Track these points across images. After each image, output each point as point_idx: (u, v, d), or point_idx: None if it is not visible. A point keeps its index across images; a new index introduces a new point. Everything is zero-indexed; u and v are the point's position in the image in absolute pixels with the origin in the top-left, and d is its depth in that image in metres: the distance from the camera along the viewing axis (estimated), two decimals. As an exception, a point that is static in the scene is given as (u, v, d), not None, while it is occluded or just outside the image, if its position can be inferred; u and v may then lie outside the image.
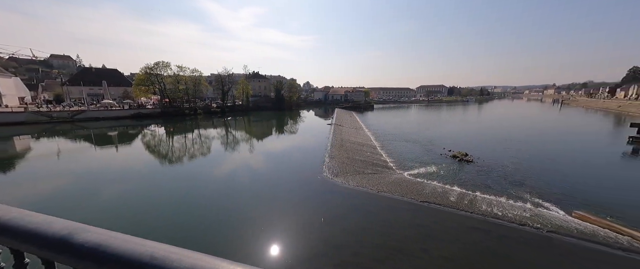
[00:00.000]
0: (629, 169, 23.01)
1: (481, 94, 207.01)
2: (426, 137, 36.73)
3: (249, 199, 14.25)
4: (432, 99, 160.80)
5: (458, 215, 12.15)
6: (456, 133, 41.00)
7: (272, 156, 26.91)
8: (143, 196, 15.04)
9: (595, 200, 14.73)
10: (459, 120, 63.46)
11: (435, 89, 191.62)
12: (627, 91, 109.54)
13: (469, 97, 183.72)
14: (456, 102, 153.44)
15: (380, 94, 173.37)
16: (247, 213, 12.65)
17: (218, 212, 12.76)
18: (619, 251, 9.44)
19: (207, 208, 13.21)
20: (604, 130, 46.55)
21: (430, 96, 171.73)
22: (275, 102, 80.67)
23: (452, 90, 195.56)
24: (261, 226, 11.21)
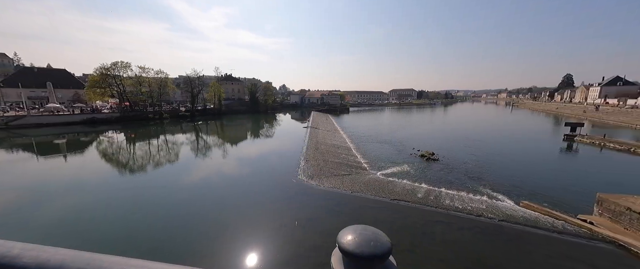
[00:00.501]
0: (565, 162, 26.64)
1: (446, 97, 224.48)
2: (398, 138, 38.64)
3: (222, 206, 13.64)
4: (403, 102, 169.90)
5: (424, 210, 12.98)
6: (424, 134, 43.78)
7: (246, 160, 26.09)
8: (101, 209, 13.54)
9: (538, 190, 16.78)
10: (427, 122, 67.88)
11: (406, 93, 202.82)
12: (562, 95, 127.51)
13: (435, 100, 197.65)
14: (425, 105, 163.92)
15: (355, 97, 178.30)
16: (219, 220, 12.09)
17: (187, 221, 11.99)
18: (554, 234, 10.89)
19: (176, 217, 12.34)
20: (546, 129, 53.38)
21: (401, 99, 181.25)
22: (250, 106, 78.46)
23: (421, 94, 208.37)
24: (234, 232, 10.79)
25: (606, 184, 18.26)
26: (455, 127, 54.10)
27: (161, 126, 51.13)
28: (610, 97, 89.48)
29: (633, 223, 11.38)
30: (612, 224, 12.22)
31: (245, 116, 70.69)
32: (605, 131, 45.73)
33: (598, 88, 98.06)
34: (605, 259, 9.20)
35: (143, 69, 57.29)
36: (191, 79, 67.11)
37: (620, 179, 19.95)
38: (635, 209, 11.43)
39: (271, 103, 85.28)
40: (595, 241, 10.36)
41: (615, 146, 30.34)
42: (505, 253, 9.66)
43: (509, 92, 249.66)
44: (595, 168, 23.72)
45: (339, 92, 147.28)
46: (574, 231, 11.17)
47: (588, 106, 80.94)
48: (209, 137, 42.03)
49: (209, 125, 55.60)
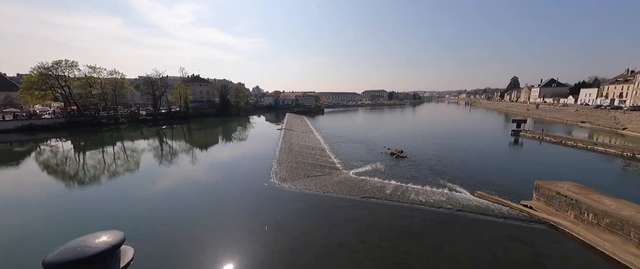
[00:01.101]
0: (512, 155, 30.06)
1: (414, 98, 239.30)
2: (370, 137, 40.06)
3: (188, 216, 12.78)
4: (375, 103, 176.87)
5: (391, 206, 13.67)
6: (395, 133, 46.08)
7: (216, 166, 24.84)
8: (47, 227, 11.78)
9: (491, 181, 18.72)
10: (397, 121, 71.53)
11: (377, 94, 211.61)
12: (510, 95, 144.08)
13: (405, 101, 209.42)
14: (395, 105, 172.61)
15: (330, 98, 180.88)
16: (185, 230, 11.32)
17: (152, 234, 10.99)
18: (501, 219, 12.26)
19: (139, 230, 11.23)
20: (497, 125, 59.71)
21: (374, 100, 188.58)
22: (221, 108, 74.86)
23: (391, 95, 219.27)
24: (202, 242, 10.19)
25: (543, 172, 21.03)
26: (422, 126, 57.81)
27: (117, 132, 46.27)
28: (547, 97, 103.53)
29: (562, 205, 13.29)
30: (547, 207, 14.12)
31: (215, 119, 67.28)
32: (543, 126, 52.82)
33: (538, 89, 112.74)
34: (539, 238, 10.61)
35: (93, 69, 51.19)
36: (152, 80, 61.66)
37: (554, 167, 23.19)
38: (563, 194, 13.36)
39: (244, 105, 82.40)
40: (533, 223, 11.89)
41: (550, 139, 35.15)
42: (460, 239, 10.60)
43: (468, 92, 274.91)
44: (535, 159, 27.20)
45: (314, 94, 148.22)
46: (516, 216, 12.69)
47: (530, 105, 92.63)
48: (174, 142, 39.14)
49: (175, 129, 51.81)
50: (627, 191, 16.88)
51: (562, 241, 10.41)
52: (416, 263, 9.24)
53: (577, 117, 56.35)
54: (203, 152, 32.03)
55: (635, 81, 64.91)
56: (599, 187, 15.36)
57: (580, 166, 23.70)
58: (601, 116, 50.62)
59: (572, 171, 22.09)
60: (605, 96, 74.71)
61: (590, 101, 78.77)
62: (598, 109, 57.18)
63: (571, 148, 30.79)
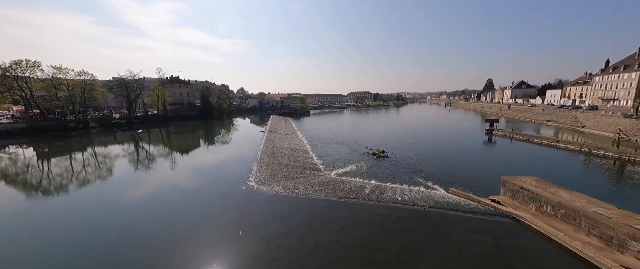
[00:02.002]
0: (486, 152, 31.70)
1: (398, 99, 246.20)
2: (354, 138, 40.60)
3: (159, 226, 12.21)
4: (361, 105, 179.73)
5: (369, 205, 13.94)
6: (378, 133, 47.05)
7: (193, 171, 23.96)
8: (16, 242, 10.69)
9: (465, 177, 19.64)
10: (381, 122, 73.09)
11: (362, 95, 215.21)
12: (486, 96, 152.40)
13: (389, 102, 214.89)
14: (380, 106, 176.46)
15: (315, 100, 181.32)
16: (156, 240, 10.78)
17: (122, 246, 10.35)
18: (469, 214, 12.93)
19: (110, 241, 10.54)
20: (473, 125, 62.81)
21: (359, 102, 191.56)
22: (202, 111, 72.42)
23: (376, 96, 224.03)
24: (172, 253, 9.77)
25: (512, 168, 22.43)
26: (404, 127, 59.49)
27: (88, 137, 43.33)
28: (518, 97, 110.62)
29: (525, 198, 14.24)
30: (512, 201, 15.06)
31: (196, 122, 65.01)
32: (514, 125, 56.47)
33: (510, 90, 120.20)
34: (501, 230, 11.30)
35: (59, 69, 47.58)
36: (126, 82, 58.33)
37: (522, 163, 24.80)
38: (525, 188, 14.31)
39: (227, 107, 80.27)
40: (497, 217, 12.64)
41: (519, 137, 37.58)
42: (431, 234, 11.03)
43: (448, 94, 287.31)
44: (506, 156, 28.94)
45: (300, 95, 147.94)
46: (483, 210, 13.42)
47: (503, 105, 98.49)
48: (151, 147, 37.34)
49: (152, 133, 49.42)
50: (583, 183, 18.46)
51: (521, 232, 11.16)
52: (388, 259, 9.47)
53: (544, 117, 60.73)
54: (181, 157, 30.82)
55: (592, 83, 71.17)
56: (559, 181, 16.66)
57: (544, 162, 25.50)
58: (564, 115, 54.92)
59: (537, 166, 23.74)
60: (568, 96, 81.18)
61: (555, 101, 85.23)
62: (561, 109, 62.01)
63: (537, 145, 33.09)
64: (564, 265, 8.99)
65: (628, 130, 34.70)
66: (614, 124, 38.72)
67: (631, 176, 20.72)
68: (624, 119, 40.24)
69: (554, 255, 9.52)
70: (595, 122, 44.33)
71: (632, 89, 56.22)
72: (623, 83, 60.04)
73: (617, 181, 19.95)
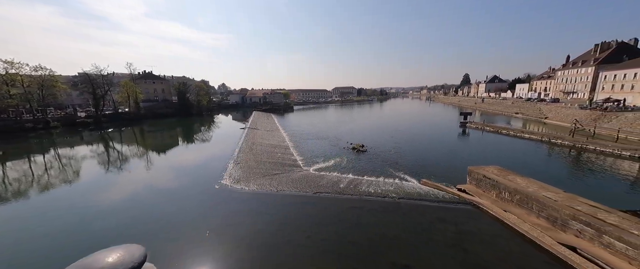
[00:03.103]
0: (459, 144, 33.32)
1: (381, 94, 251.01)
2: (336, 133, 40.90)
3: (124, 231, 11.58)
4: (345, 99, 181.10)
5: (343, 199, 14.20)
6: (360, 128, 47.76)
7: (166, 172, 22.92)
8: None
9: (438, 168, 20.56)
10: (364, 116, 74.23)
11: (347, 90, 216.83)
12: (462, 90, 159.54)
13: (372, 97, 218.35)
14: (364, 101, 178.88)
15: (300, 95, 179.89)
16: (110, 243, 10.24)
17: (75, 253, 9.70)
18: (436, 203, 13.64)
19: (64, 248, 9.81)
20: (450, 117, 65.67)
21: (343, 97, 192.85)
22: (180, 108, 69.10)
23: (360, 91, 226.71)
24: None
25: (481, 158, 23.75)
26: (386, 121, 60.86)
27: (49, 138, 39.92)
28: (491, 91, 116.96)
29: (487, 186, 15.21)
30: (477, 189, 16.03)
31: (173, 120, 62.04)
32: (487, 117, 59.81)
33: (484, 85, 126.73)
34: (463, 217, 12.05)
35: (11, 64, 42.95)
36: (92, 78, 53.91)
37: (490, 153, 26.41)
38: (487, 176, 15.28)
39: (206, 104, 77.24)
40: (461, 204, 13.44)
41: (490, 129, 39.92)
42: (401, 224, 11.51)
43: (429, 88, 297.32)
44: (477, 147, 30.65)
45: (284, 91, 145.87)
46: (450, 199, 14.20)
47: (478, 99, 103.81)
48: (123, 147, 35.17)
49: (124, 133, 46.52)
50: (540, 170, 20.06)
51: (481, 218, 11.97)
52: (358, 251, 9.76)
53: (513, 109, 64.88)
54: (155, 156, 29.37)
55: (555, 77, 76.90)
56: (520, 169, 17.96)
57: (510, 152, 27.37)
58: (530, 108, 59.03)
59: (503, 156, 25.42)
60: (534, 90, 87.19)
61: (523, 94, 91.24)
62: (528, 102, 66.57)
63: (505, 136, 35.36)
64: (514, 246, 9.79)
65: (583, 120, 38.06)
66: (571, 115, 42.26)
67: (581, 162, 22.86)
68: (580, 110, 44.04)
69: (507, 237, 10.32)
70: (556, 114, 48.11)
71: (588, 82, 61.50)
72: (581, 77, 65.45)
73: (569, 167, 21.93)
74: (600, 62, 59.29)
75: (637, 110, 39.10)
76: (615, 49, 60.44)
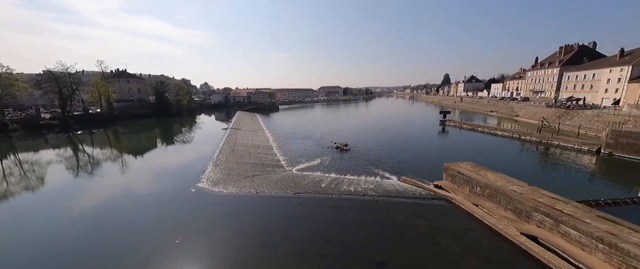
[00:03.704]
0: (438, 142, 34.57)
1: (367, 93, 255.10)
2: (321, 133, 40.95)
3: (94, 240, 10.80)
4: (331, 99, 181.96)
5: (322, 199, 14.22)
6: (345, 127, 48.17)
7: (140, 176, 21.72)
8: None
9: (418, 166, 21.17)
10: (351, 115, 75.05)
11: (333, 90, 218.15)
12: (443, 89, 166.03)
13: (358, 96, 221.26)
14: (350, 100, 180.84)
15: (286, 95, 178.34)
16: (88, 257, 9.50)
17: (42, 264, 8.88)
18: (412, 199, 14.05)
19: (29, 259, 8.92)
20: (431, 116, 68.02)
21: (329, 96, 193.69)
22: (158, 108, 65.77)
23: (346, 90, 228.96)
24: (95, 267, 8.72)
25: (457, 155, 24.83)
26: (370, 120, 61.89)
27: (8, 142, 36.50)
28: (469, 91, 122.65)
29: (461, 182, 15.89)
30: (452, 185, 16.70)
31: (151, 121, 59.03)
32: (466, 115, 62.65)
33: (462, 84, 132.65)
34: (437, 212, 12.52)
35: (-40, 61, 38.63)
36: (56, 76, 49.74)
37: (467, 150, 27.65)
38: (461, 172, 15.95)
39: (187, 104, 74.21)
40: (437, 200, 13.94)
41: (467, 127, 41.81)
42: (377, 221, 11.72)
43: (412, 88, 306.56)
44: (455, 144, 31.98)
45: (269, 90, 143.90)
46: (426, 195, 14.68)
47: (457, 98, 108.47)
48: (95, 150, 32.91)
49: (96, 135, 43.58)
50: (510, 165, 21.31)
51: (453, 212, 12.49)
52: (336, 250, 9.80)
53: (488, 108, 68.46)
54: (129, 160, 27.75)
55: (525, 77, 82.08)
56: (492, 164, 18.90)
57: (484, 148, 28.82)
58: (503, 106, 62.58)
59: (478, 152, 26.71)
60: (507, 89, 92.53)
61: (498, 93, 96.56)
62: (502, 101, 70.56)
63: (481, 133, 37.20)
64: (482, 238, 10.30)
65: (549, 118, 40.91)
66: (539, 113, 45.28)
67: (546, 157, 24.59)
68: (546, 108, 47.32)
69: (476, 230, 10.85)
70: (526, 112, 51.35)
71: (554, 82, 66.25)
72: (547, 78, 70.38)
73: (535, 162, 23.51)
74: (564, 63, 64.08)
75: (595, 108, 42.73)
76: (577, 51, 65.57)
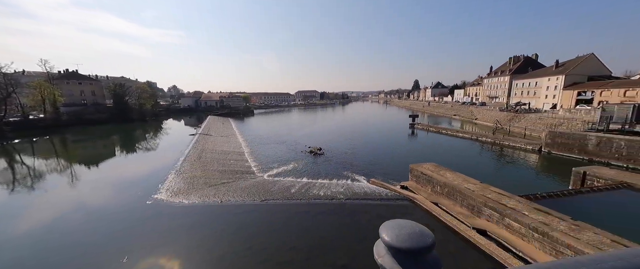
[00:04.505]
0: (407, 144, 36.35)
1: (343, 98, 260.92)
2: (296, 137, 40.66)
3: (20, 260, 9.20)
4: (308, 103, 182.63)
5: (291, 204, 14.00)
6: (320, 131, 48.47)
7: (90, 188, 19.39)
8: None
9: (386, 168, 21.92)
10: (326, 119, 75.77)
11: (310, 94, 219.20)
12: (413, 95, 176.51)
13: (335, 100, 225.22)
14: (327, 105, 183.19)
15: (262, 99, 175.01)
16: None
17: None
18: (378, 201, 14.49)
19: None
20: (402, 119, 71.64)
21: (306, 100, 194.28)
22: (117, 113, 59.87)
23: (323, 95, 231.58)
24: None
25: (423, 156, 26.27)
26: (345, 123, 63.13)
27: None
28: (436, 96, 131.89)
29: (424, 182, 16.78)
30: (417, 185, 17.57)
31: (107, 127, 53.48)
32: (433, 118, 67.08)
33: (430, 90, 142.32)
34: (400, 212, 13.06)
35: None
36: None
37: (432, 152, 29.46)
38: (424, 173, 16.88)
39: (151, 108, 68.73)
40: (399, 201, 14.55)
41: (433, 130, 44.70)
42: (342, 225, 11.84)
43: (386, 93, 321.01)
44: (421, 146, 33.92)
45: (244, 94, 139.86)
46: (391, 196, 15.25)
47: (425, 102, 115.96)
48: (37, 161, 28.65)
49: (38, 144, 38.21)
50: (468, 164, 23.17)
51: (415, 211, 13.13)
52: (299, 257, 9.63)
53: (452, 112, 74.18)
54: (79, 171, 24.69)
55: (483, 84, 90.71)
56: (452, 165, 20.28)
57: (447, 149, 30.97)
58: (464, 110, 68.31)
59: (441, 153, 28.59)
60: (468, 95, 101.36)
61: (460, 99, 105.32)
62: (463, 105, 77.01)
63: (445, 136, 40.00)
64: (437, 235, 10.88)
65: (502, 121, 45.53)
66: (494, 117, 50.19)
67: (498, 156, 27.20)
68: (499, 112, 52.62)
69: (434, 227, 11.48)
70: (483, 116, 56.58)
71: (506, 89, 74.18)
72: (500, 85, 78.58)
73: (489, 161, 25.87)
74: (513, 72, 72.22)
75: (538, 112, 48.57)
76: (523, 62, 74.42)
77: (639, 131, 23.40)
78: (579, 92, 49.08)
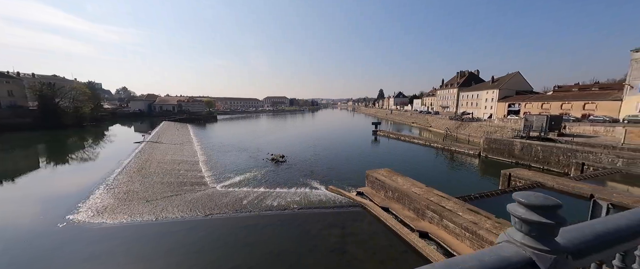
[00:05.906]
0: (369, 150, 37.61)
1: (313, 104, 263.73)
2: (258, 144, 39.11)
3: None
4: (277, 109, 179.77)
5: (239, 218, 13.04)
6: (285, 137, 47.54)
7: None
8: None
9: (346, 174, 22.13)
10: (295, 126, 74.97)
11: (279, 100, 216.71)
12: (378, 103, 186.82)
13: (304, 107, 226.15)
14: (296, 111, 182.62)
15: (228, 104, 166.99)
16: None
17: None
18: (331, 209, 14.41)
19: None
20: (367, 126, 74.69)
21: (275, 106, 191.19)
22: (43, 117, 50.44)
23: (292, 101, 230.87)
24: None
25: (382, 161, 27.41)
26: (312, 129, 63.24)
27: None
28: (398, 105, 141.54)
29: (378, 187, 17.29)
30: (372, 190, 18.03)
31: (31, 134, 44.56)
32: (395, 126, 71.33)
33: (393, 99, 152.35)
34: (350, 218, 13.13)
35: None
36: None
37: (389, 157, 30.95)
38: (378, 178, 17.42)
39: (90, 112, 59.71)
40: (351, 207, 14.69)
41: (393, 136, 47.38)
42: (292, 236, 11.37)
43: (354, 100, 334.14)
44: (382, 152, 35.43)
45: (206, 99, 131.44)
46: (345, 202, 15.33)
47: (389, 111, 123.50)
48: None
49: None
50: (419, 168, 24.82)
51: (365, 217, 13.34)
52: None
53: (410, 120, 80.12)
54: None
55: (436, 95, 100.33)
56: (406, 170, 21.54)
57: (404, 155, 32.86)
58: (421, 119, 74.38)
59: (398, 158, 30.18)
60: (425, 104, 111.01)
61: (418, 108, 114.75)
62: (420, 114, 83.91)
63: (403, 142, 42.61)
64: (384, 240, 11.17)
65: (451, 128, 50.51)
66: (444, 124, 55.48)
67: (445, 161, 29.80)
68: (449, 120, 58.45)
69: (381, 233, 11.75)
70: (436, 123, 62.18)
71: (454, 100, 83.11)
72: (450, 96, 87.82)
73: (437, 165, 28.13)
74: (460, 85, 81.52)
75: (479, 120, 55.19)
76: (467, 76, 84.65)
77: (551, 138, 27.97)
78: (509, 104, 57.36)
